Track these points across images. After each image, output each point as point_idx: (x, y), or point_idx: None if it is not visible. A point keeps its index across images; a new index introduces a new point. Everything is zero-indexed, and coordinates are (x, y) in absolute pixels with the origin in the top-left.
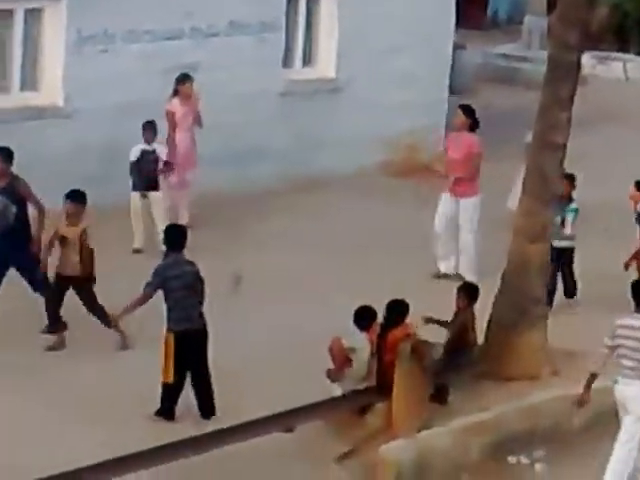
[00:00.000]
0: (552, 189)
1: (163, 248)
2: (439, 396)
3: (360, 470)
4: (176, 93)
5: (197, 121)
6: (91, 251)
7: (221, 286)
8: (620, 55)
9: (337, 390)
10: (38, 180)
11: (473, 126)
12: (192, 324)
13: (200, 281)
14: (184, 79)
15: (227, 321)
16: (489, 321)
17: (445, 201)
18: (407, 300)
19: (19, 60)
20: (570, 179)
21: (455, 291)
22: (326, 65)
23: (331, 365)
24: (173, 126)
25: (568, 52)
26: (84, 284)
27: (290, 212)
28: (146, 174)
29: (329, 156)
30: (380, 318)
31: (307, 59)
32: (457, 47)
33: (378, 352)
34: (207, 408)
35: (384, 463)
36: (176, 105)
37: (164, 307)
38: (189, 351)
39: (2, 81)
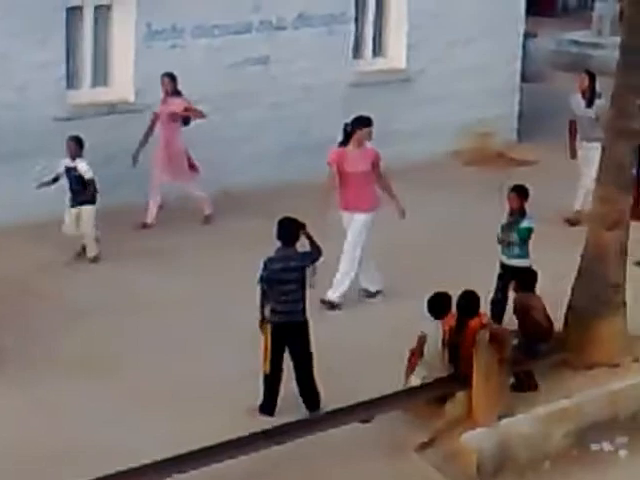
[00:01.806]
0: (627, 175)
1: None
2: (528, 382)
3: (441, 459)
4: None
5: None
6: None
7: None
8: None
9: (415, 380)
10: (112, 176)
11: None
12: (293, 317)
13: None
14: None
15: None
16: (568, 308)
17: None
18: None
19: (90, 56)
20: (519, 191)
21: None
22: (396, 56)
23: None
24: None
25: None
26: None
27: None
28: (70, 190)
29: (400, 146)
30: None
31: (377, 50)
32: (528, 35)
33: (456, 342)
34: (311, 401)
35: (465, 452)
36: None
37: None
38: (288, 343)
39: (74, 77)
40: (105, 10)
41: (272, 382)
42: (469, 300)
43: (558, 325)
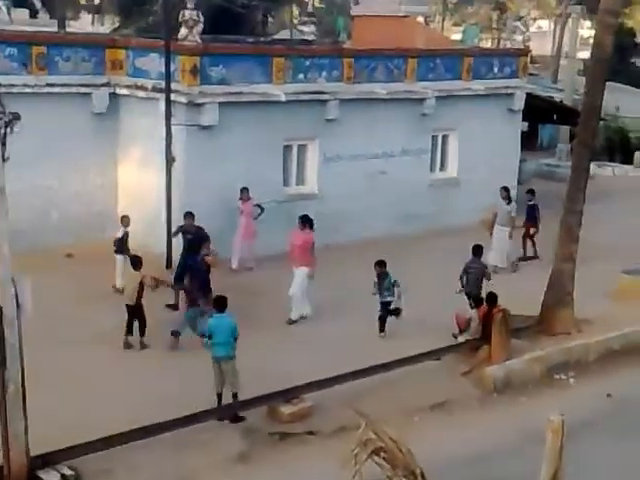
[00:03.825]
0: (575, 235)
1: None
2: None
3: (474, 380)
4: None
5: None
6: None
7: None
8: (610, 163)
9: (462, 339)
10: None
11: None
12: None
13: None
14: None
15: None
16: (542, 303)
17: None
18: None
19: (295, 170)
20: (379, 265)
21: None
22: (452, 170)
23: (456, 329)
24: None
25: (583, 162)
26: None
27: (432, 250)
28: (124, 245)
29: (455, 218)
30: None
31: (442, 167)
32: (521, 160)
33: (486, 319)
34: None
35: (487, 377)
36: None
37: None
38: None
39: (288, 179)
40: (303, 146)
41: None
42: (493, 297)
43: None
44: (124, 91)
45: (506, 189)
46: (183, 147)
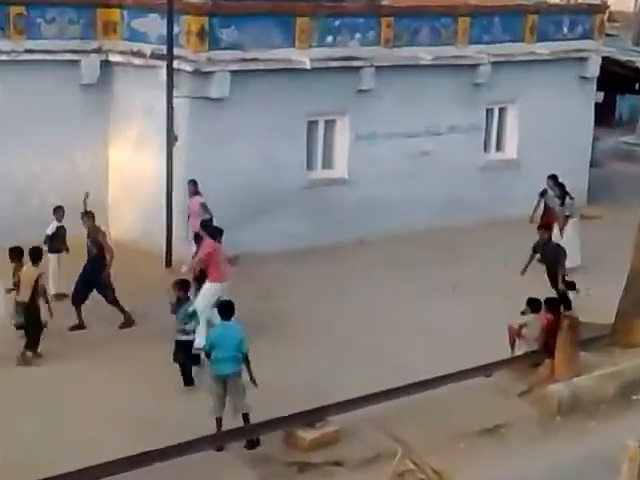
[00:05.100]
0: None
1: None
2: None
3: (534, 401)
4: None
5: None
6: None
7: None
8: None
9: (519, 351)
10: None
11: None
12: None
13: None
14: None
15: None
16: (617, 311)
17: None
18: None
19: (321, 150)
20: (179, 286)
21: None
22: (510, 150)
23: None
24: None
25: None
26: None
27: (486, 243)
28: (59, 242)
29: (512, 207)
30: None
31: (498, 147)
32: (595, 138)
33: (548, 329)
34: None
35: (550, 397)
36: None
37: None
38: None
39: (311, 161)
40: (331, 122)
41: None
42: (556, 302)
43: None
44: (118, 58)
45: (557, 182)
46: (187, 124)
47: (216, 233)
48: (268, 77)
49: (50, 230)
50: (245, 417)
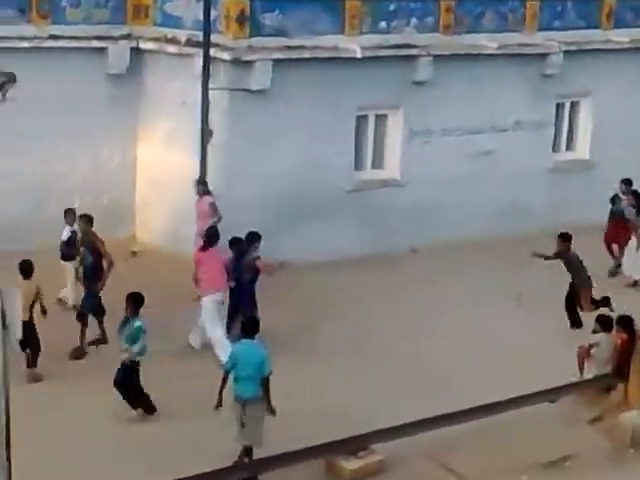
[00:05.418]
0: None
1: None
2: None
3: (606, 430)
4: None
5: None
6: None
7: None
8: None
9: (588, 374)
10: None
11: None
12: None
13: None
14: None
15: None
16: None
17: None
18: None
19: (371, 149)
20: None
21: None
22: (582, 150)
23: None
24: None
25: None
26: None
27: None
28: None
29: (585, 213)
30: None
31: (569, 145)
32: None
33: (623, 349)
34: None
35: (623, 426)
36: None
37: None
38: None
39: (360, 162)
40: (382, 117)
41: None
42: (629, 320)
43: None
44: (149, 45)
45: (631, 187)
46: (224, 119)
47: (214, 240)
48: (314, 67)
49: (65, 236)
50: (248, 451)
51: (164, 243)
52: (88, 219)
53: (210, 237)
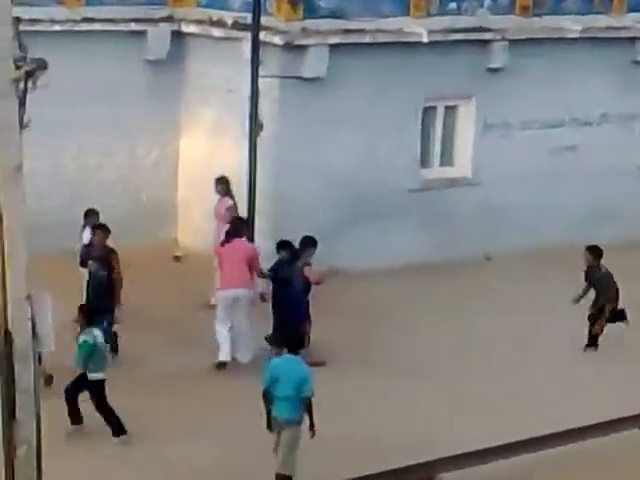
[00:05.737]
0: None
1: None
2: None
3: None
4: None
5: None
6: None
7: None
8: None
9: None
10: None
11: None
12: None
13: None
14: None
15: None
16: None
17: None
18: None
19: (439, 143)
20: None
21: None
22: None
23: None
24: None
25: None
26: None
27: None
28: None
29: None
30: None
31: None
32: None
33: None
34: None
35: None
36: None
37: None
38: None
39: (427, 159)
40: (452, 109)
41: None
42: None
43: None
44: (192, 29)
45: None
46: (275, 109)
47: (237, 233)
48: (375, 52)
49: (87, 239)
50: (281, 478)
51: (207, 246)
52: (106, 230)
53: (232, 229)
